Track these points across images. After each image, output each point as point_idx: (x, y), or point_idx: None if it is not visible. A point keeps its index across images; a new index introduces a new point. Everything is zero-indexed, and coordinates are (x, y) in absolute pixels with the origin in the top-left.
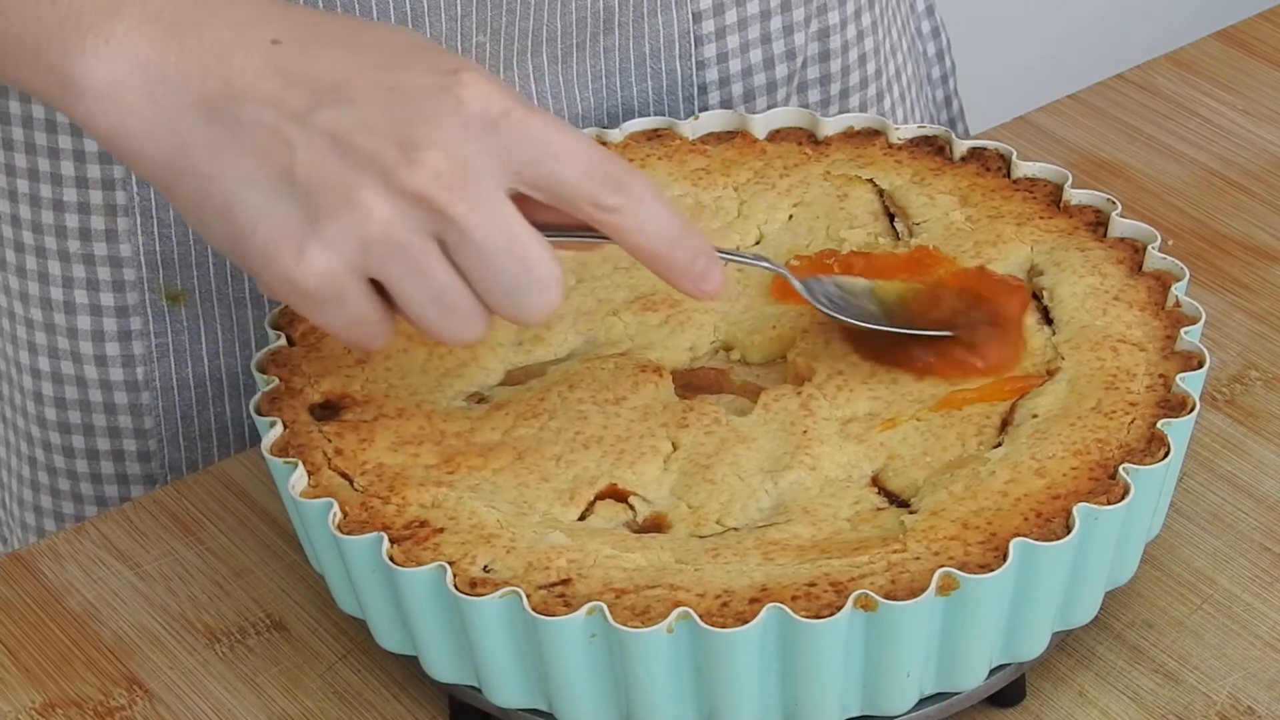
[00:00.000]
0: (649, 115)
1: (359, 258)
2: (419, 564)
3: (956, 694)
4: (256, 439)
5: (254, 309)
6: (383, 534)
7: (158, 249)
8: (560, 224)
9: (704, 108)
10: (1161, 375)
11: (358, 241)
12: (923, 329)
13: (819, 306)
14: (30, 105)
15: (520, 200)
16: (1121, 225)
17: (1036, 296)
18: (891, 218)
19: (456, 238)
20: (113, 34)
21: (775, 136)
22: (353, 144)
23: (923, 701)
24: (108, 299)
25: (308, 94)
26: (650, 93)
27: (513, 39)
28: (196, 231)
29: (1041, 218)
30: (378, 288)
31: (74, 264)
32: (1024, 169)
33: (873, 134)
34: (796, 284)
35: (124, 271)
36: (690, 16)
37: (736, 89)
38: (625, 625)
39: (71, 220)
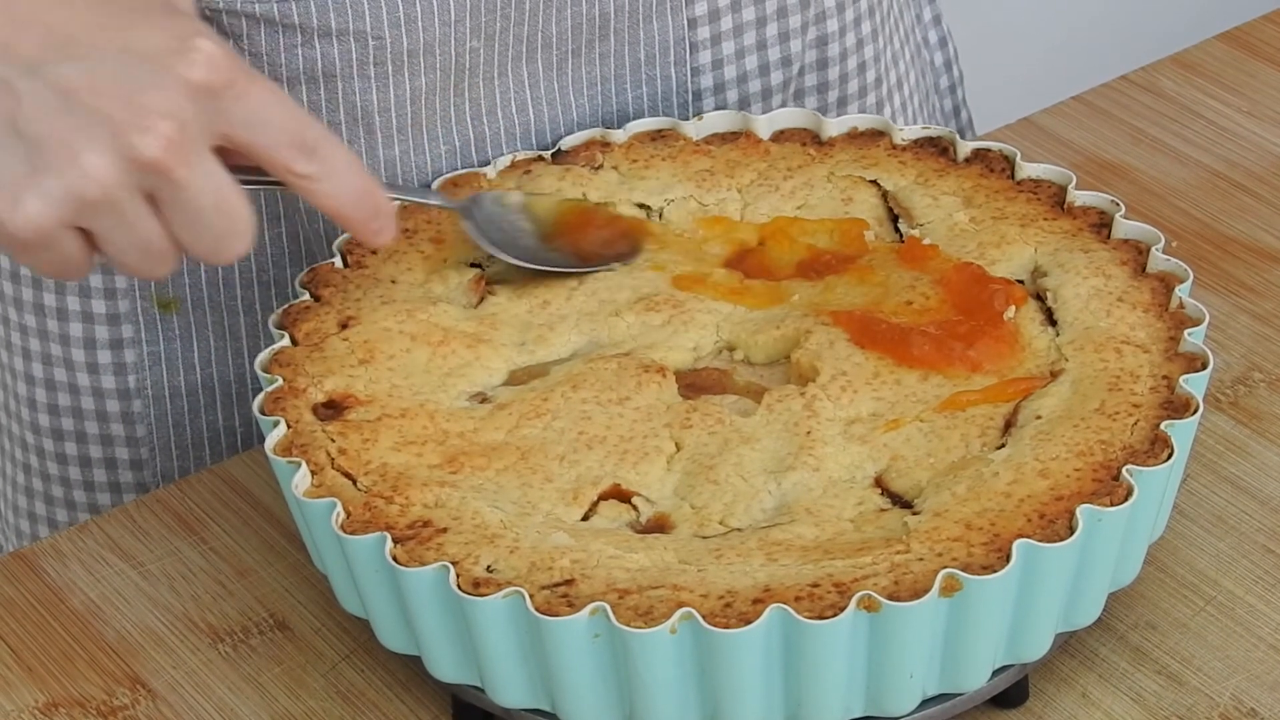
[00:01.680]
0: None
1: (73, 212)
2: (422, 564)
3: (959, 695)
4: (250, 446)
5: (245, 316)
6: (386, 534)
7: None
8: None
9: (699, 114)
10: (1165, 377)
11: (75, 198)
12: (573, 255)
13: (482, 243)
14: None
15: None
16: (1125, 227)
17: (1040, 298)
18: (895, 219)
19: (170, 194)
20: None
21: (779, 137)
22: (81, 101)
23: (925, 702)
24: (99, 306)
25: (39, 45)
26: (645, 99)
27: (507, 45)
28: None
29: (1045, 219)
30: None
31: None
32: (1028, 170)
33: (877, 135)
34: (463, 218)
35: (116, 279)
36: (686, 23)
37: (732, 95)
38: (628, 625)
39: None
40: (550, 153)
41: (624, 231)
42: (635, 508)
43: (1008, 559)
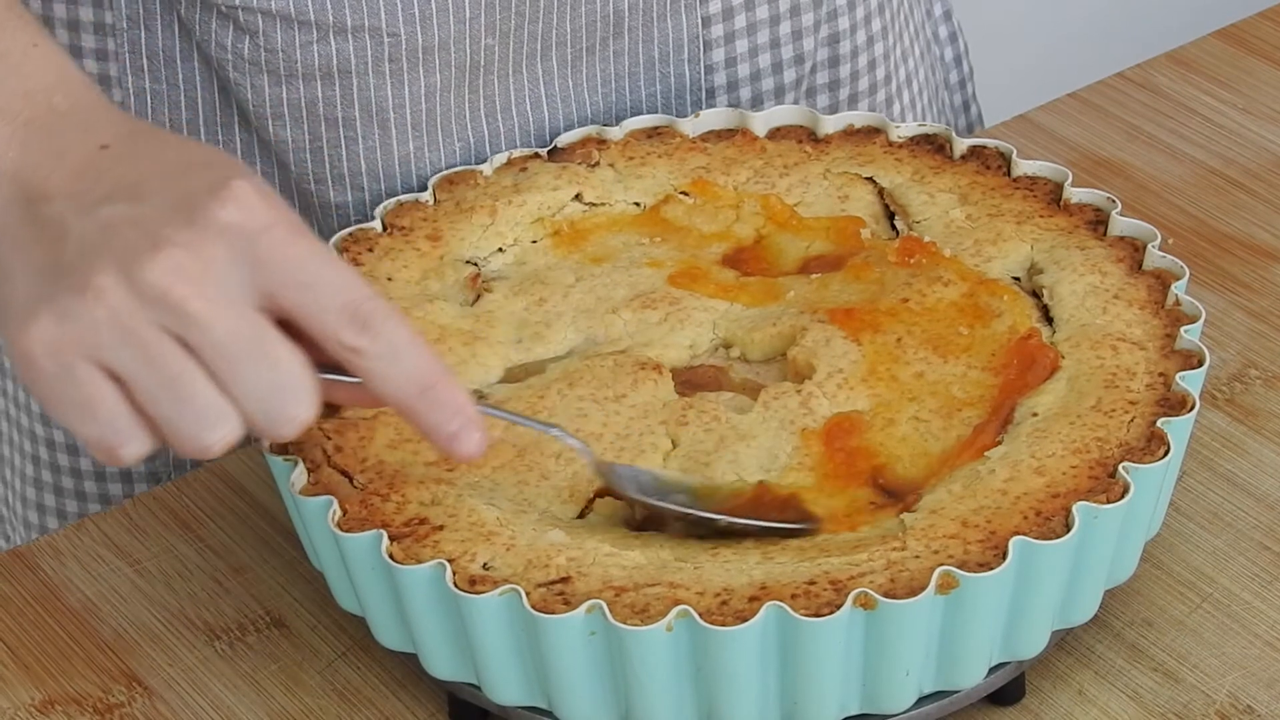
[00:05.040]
0: None
1: (88, 339)
2: (418, 561)
3: (956, 692)
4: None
5: None
6: (382, 531)
7: None
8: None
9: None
10: (1161, 374)
11: (88, 321)
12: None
13: (624, 491)
14: None
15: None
16: (1121, 224)
17: (1036, 295)
18: (892, 216)
19: (197, 335)
20: None
21: (775, 134)
22: (117, 236)
23: (922, 700)
24: None
25: (106, 191)
26: (659, 96)
27: (522, 42)
28: None
29: (1041, 216)
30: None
31: None
32: (1024, 167)
33: (873, 132)
34: (587, 459)
35: None
36: (699, 21)
37: (745, 93)
38: (624, 623)
39: None
40: (546, 150)
41: (795, 509)
42: (631, 505)
43: (1004, 556)
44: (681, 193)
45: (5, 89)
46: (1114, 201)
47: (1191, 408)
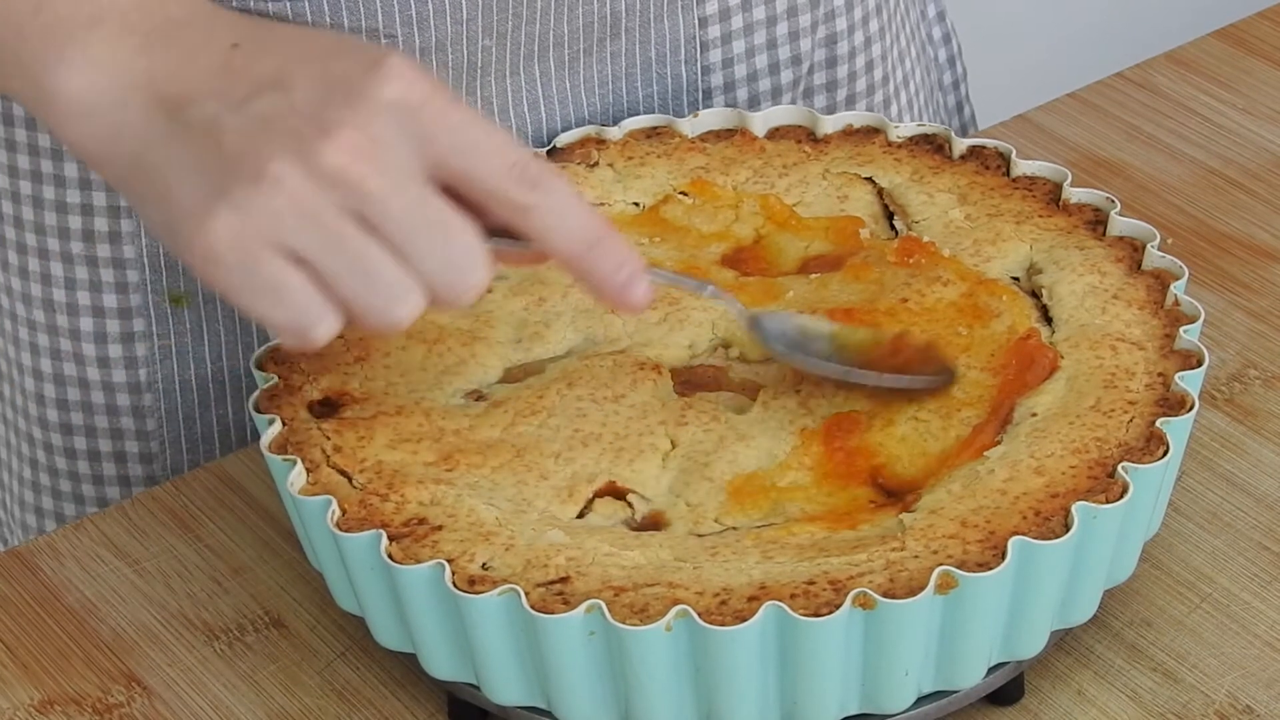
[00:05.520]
0: None
1: (269, 226)
2: (417, 561)
3: (955, 692)
4: (258, 439)
5: None
6: (381, 531)
7: (161, 251)
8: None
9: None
10: (1160, 374)
11: (267, 209)
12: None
13: (772, 349)
14: None
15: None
16: (1121, 224)
17: (1035, 295)
18: (891, 216)
19: (374, 211)
20: (91, 44)
21: (774, 134)
22: (278, 124)
23: (921, 700)
24: (110, 301)
25: (251, 85)
26: (656, 97)
27: (519, 44)
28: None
29: (1040, 216)
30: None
31: (77, 266)
32: (1023, 167)
33: (872, 132)
34: (735, 311)
35: (127, 273)
36: (696, 21)
37: (742, 94)
38: (624, 623)
39: (75, 222)
40: (545, 150)
41: (933, 359)
42: (630, 505)
43: (1003, 556)
44: (680, 193)
45: (118, 3)
46: (1113, 201)
47: (1191, 408)
